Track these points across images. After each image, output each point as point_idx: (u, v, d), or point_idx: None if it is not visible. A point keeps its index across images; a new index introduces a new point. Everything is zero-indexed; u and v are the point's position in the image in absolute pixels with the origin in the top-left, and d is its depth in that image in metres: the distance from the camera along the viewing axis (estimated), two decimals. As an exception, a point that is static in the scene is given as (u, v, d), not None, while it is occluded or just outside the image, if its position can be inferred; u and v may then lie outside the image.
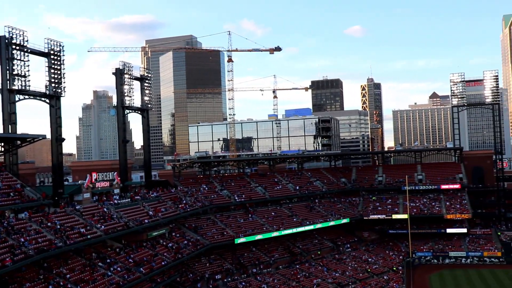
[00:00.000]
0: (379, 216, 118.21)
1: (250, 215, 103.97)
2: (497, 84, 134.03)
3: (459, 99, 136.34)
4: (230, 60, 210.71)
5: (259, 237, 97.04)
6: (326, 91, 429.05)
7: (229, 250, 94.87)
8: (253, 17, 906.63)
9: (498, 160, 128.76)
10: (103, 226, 66.40)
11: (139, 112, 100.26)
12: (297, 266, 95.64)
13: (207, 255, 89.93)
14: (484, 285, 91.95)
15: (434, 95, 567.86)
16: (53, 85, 73.81)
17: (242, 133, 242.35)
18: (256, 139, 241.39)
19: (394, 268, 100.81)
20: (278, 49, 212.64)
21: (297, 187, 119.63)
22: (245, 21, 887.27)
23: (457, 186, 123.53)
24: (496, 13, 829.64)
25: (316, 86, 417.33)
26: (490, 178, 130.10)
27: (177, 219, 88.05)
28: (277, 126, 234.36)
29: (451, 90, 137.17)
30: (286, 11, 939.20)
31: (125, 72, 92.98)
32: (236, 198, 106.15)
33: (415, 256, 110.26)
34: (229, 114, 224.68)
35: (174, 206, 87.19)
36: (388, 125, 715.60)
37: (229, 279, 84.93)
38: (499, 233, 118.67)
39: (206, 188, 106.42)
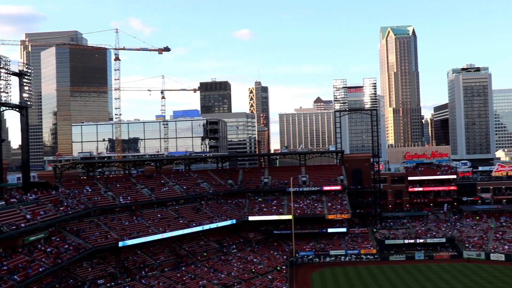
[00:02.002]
0: (264, 217, 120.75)
1: (135, 217, 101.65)
2: (375, 91, 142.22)
3: (341, 104, 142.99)
4: (117, 59, 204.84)
5: (144, 239, 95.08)
6: (215, 93, 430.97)
7: (113, 254, 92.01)
8: (140, 15, 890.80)
9: (375, 163, 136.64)
10: (-27, 231, 61.67)
11: (17, 109, 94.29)
12: (183, 268, 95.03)
13: (89, 260, 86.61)
14: (360, 280, 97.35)
15: (318, 100, 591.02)
16: None
17: (129, 134, 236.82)
18: (143, 140, 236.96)
19: (278, 268, 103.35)
20: (166, 49, 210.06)
21: (184, 188, 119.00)
22: (133, 19, 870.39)
23: (338, 187, 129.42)
24: (375, 24, 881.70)
25: (205, 88, 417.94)
26: (368, 179, 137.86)
27: (57, 223, 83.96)
28: (164, 127, 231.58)
29: (334, 96, 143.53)
30: (174, 11, 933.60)
31: (1, 66, 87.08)
32: (121, 200, 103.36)
33: (298, 255, 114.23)
34: (115, 114, 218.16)
35: (55, 208, 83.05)
36: (274, 128, 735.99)
37: (113, 283, 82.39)
38: (374, 230, 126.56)
39: (90, 190, 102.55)
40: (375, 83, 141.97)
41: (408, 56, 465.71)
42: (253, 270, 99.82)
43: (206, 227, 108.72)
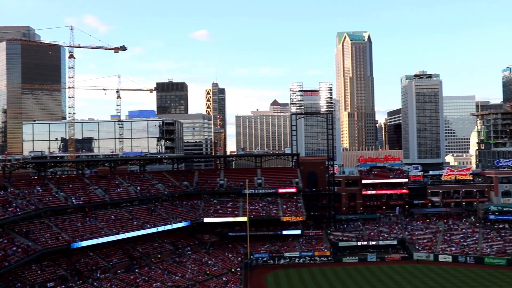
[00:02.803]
0: (219, 219, 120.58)
1: (88, 219, 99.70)
2: (331, 95, 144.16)
3: (297, 107, 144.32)
4: (71, 56, 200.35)
5: (97, 241, 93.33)
6: (171, 94, 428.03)
7: (64, 256, 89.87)
8: (96, 13, 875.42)
9: (330, 166, 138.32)
10: None
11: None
12: (137, 270, 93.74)
13: (39, 262, 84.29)
14: (314, 282, 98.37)
15: (275, 103, 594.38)
16: None
17: (82, 133, 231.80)
18: (97, 140, 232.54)
19: (233, 270, 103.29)
20: (123, 48, 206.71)
21: (139, 190, 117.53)
22: (88, 16, 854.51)
23: (293, 190, 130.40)
24: (332, 29, 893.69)
25: (161, 88, 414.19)
26: (323, 182, 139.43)
27: (5, 224, 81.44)
28: (119, 127, 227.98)
29: (290, 99, 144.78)
30: (131, 9, 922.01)
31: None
32: (74, 200, 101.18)
33: (253, 257, 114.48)
34: (69, 113, 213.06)
35: (3, 209, 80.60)
36: (231, 130, 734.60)
37: (63, 286, 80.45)
38: (329, 231, 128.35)
39: (41, 190, 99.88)
40: (331, 87, 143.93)
41: (364, 61, 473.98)
42: (208, 272, 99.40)
43: (161, 228, 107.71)
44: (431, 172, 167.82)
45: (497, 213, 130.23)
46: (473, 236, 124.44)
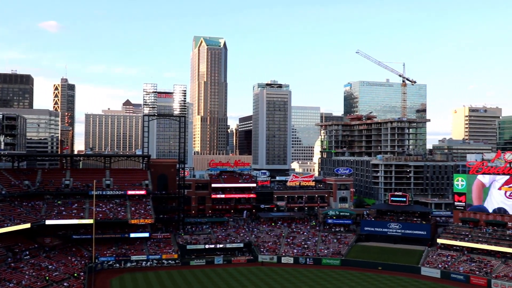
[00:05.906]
0: (63, 221, 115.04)
1: None
2: (185, 98, 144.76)
3: (150, 108, 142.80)
4: None
5: None
6: (14, 86, 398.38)
7: None
8: None
9: (180, 169, 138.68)
10: None
11: None
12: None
13: None
14: (161, 286, 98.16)
15: (127, 103, 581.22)
16: None
17: None
18: None
19: (76, 274, 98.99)
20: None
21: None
22: None
23: (143, 192, 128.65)
24: (189, 32, 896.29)
25: (3, 79, 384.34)
26: (173, 185, 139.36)
27: None
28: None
29: (144, 100, 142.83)
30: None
31: None
32: None
33: (98, 261, 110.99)
34: None
35: None
36: (80, 128, 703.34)
37: None
38: (182, 234, 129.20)
39: None
40: (185, 90, 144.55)
41: (218, 67, 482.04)
42: (47, 277, 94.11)
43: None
44: (277, 178, 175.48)
45: (334, 217, 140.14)
46: (313, 239, 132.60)
